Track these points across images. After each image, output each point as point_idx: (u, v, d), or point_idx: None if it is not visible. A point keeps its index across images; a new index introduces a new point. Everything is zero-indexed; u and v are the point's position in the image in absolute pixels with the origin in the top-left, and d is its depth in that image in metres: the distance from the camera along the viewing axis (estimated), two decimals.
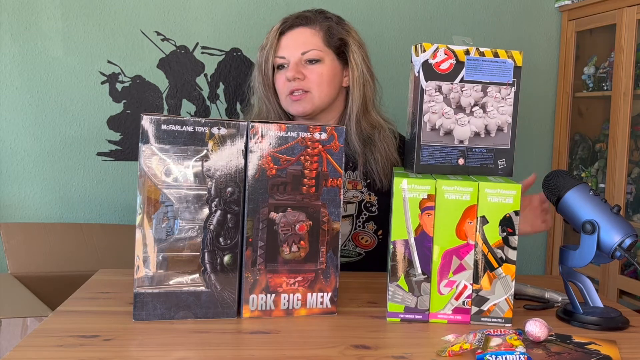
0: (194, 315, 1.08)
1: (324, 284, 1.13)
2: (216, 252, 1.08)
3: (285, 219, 1.10)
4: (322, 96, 1.56)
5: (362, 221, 1.57)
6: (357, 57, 1.57)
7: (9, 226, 2.06)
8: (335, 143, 1.11)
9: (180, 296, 1.07)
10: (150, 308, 1.06)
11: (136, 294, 1.05)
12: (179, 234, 1.06)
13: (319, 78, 1.55)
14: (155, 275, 1.06)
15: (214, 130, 1.06)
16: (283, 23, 1.58)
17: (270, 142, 1.08)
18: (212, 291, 1.08)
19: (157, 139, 1.04)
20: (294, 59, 1.55)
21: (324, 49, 1.56)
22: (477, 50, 1.18)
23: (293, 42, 1.56)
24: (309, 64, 1.55)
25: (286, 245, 1.10)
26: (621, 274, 2.23)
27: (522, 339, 0.99)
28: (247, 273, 1.09)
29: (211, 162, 1.06)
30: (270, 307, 1.11)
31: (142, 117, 1.03)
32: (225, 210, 1.08)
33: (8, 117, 2.17)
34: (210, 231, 1.07)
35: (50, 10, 2.17)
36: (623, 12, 2.20)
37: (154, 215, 1.04)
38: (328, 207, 1.12)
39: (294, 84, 1.54)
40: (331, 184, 1.12)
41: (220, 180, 1.07)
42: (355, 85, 1.57)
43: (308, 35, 1.55)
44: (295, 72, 1.53)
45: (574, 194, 1.18)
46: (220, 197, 1.07)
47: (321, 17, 1.58)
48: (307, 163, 1.10)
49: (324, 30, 1.56)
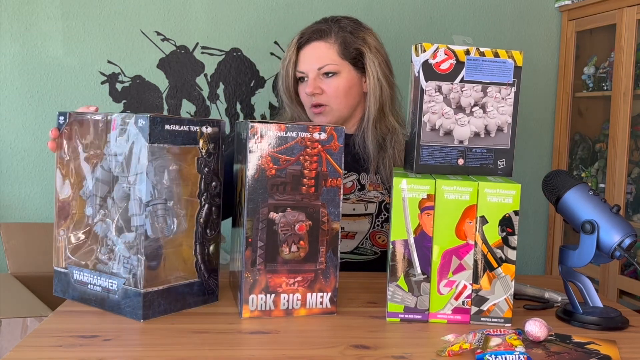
0: (188, 305, 1.13)
1: (324, 284, 1.13)
2: (204, 243, 1.14)
3: (285, 219, 1.10)
4: (340, 108, 1.62)
5: (380, 221, 1.61)
6: (373, 64, 1.60)
7: (9, 226, 2.06)
8: (335, 143, 1.11)
9: (178, 289, 1.11)
10: (155, 306, 1.08)
11: (144, 294, 1.06)
12: (174, 230, 1.09)
13: (336, 91, 1.60)
14: (156, 273, 1.07)
15: (203, 129, 1.11)
16: (300, 37, 1.62)
17: (270, 142, 1.08)
18: (202, 280, 1.15)
19: (158, 138, 1.05)
20: (311, 74, 1.60)
21: (340, 62, 1.59)
22: (477, 50, 1.18)
23: (309, 57, 1.60)
24: (326, 77, 1.60)
25: (286, 246, 1.10)
26: (621, 274, 2.23)
27: (521, 339, 0.99)
28: (247, 273, 1.09)
29: (201, 159, 1.11)
30: (270, 307, 1.11)
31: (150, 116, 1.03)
32: (211, 204, 1.14)
33: (8, 117, 2.17)
34: (200, 224, 1.13)
35: (50, 10, 2.17)
36: (623, 12, 2.21)
37: (147, 215, 1.05)
38: (327, 207, 1.12)
39: (314, 99, 1.60)
40: (331, 184, 1.12)
41: (208, 175, 1.12)
42: (371, 93, 1.61)
43: (323, 49, 1.59)
44: (313, 87, 1.59)
45: (573, 193, 1.18)
46: (208, 191, 1.13)
47: (336, 28, 1.60)
48: (306, 163, 1.10)
49: (338, 43, 1.59)
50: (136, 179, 1.06)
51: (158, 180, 1.06)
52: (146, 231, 1.05)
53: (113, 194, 1.09)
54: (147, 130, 1.04)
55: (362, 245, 1.62)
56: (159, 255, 1.07)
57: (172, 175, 1.08)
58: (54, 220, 1.20)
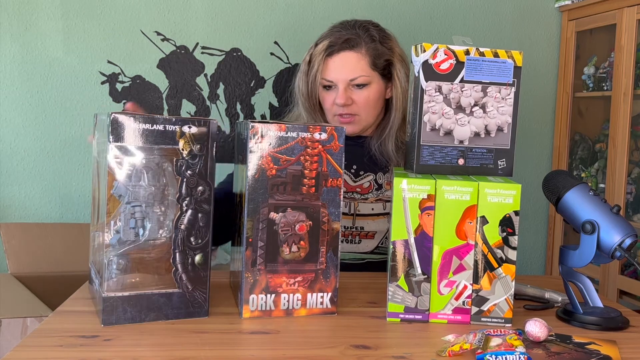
0: (165, 316, 1.06)
1: (324, 284, 1.13)
2: (187, 252, 1.07)
3: (285, 219, 1.10)
4: (369, 117, 1.62)
5: None
6: (401, 74, 1.61)
7: (9, 226, 2.06)
8: (335, 143, 1.11)
9: (151, 298, 1.05)
10: (120, 312, 1.04)
11: (105, 298, 1.03)
12: (149, 234, 1.04)
13: (366, 102, 1.59)
14: (124, 278, 1.03)
15: (185, 128, 1.05)
16: (330, 47, 1.57)
17: (270, 142, 1.08)
18: (184, 291, 1.07)
19: (127, 137, 1.02)
20: (342, 84, 1.57)
21: (371, 73, 1.58)
22: (477, 51, 1.18)
23: (340, 67, 1.57)
24: (357, 88, 1.58)
25: (286, 246, 1.10)
26: (621, 274, 2.23)
27: (522, 339, 0.99)
28: (247, 273, 1.09)
29: (182, 161, 1.05)
30: (270, 307, 1.11)
31: (111, 115, 1.00)
32: (196, 210, 1.07)
33: (8, 117, 2.17)
34: (181, 231, 1.06)
35: (50, 10, 2.17)
36: (623, 12, 2.20)
37: (122, 217, 1.02)
38: (328, 207, 1.12)
39: (343, 109, 1.58)
40: (331, 184, 1.12)
41: (191, 179, 1.06)
42: (397, 101, 1.61)
43: (354, 60, 1.57)
44: (345, 99, 1.57)
45: (573, 194, 1.18)
46: (192, 196, 1.06)
47: (366, 38, 1.58)
48: (307, 163, 1.10)
49: (369, 54, 1.57)
50: (100, 179, 1.05)
51: (134, 181, 1.02)
52: (115, 233, 1.02)
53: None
54: (109, 128, 1.00)
55: (382, 244, 1.62)
56: (127, 259, 1.03)
57: (150, 177, 1.03)
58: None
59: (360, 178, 1.63)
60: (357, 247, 1.61)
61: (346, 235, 1.61)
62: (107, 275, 1.02)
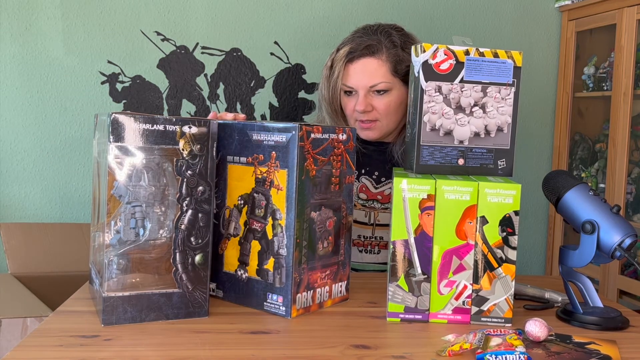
0: (165, 316, 1.06)
1: (343, 274, 1.20)
2: (187, 252, 1.06)
3: (320, 217, 1.14)
4: (390, 123, 1.60)
5: None
6: None
7: (9, 226, 2.06)
8: (351, 143, 1.18)
9: (152, 298, 1.05)
10: (120, 312, 1.03)
11: (105, 298, 1.02)
12: (149, 234, 1.04)
13: (387, 108, 1.57)
14: (124, 278, 1.03)
15: (185, 129, 1.05)
16: (350, 53, 1.56)
17: (312, 144, 1.10)
18: (184, 291, 1.07)
19: (127, 137, 1.01)
20: (362, 90, 1.56)
21: (392, 79, 1.56)
22: (477, 51, 1.18)
23: (361, 73, 1.56)
24: (377, 94, 1.57)
25: (320, 242, 1.14)
26: (621, 274, 2.23)
27: (522, 339, 0.99)
28: (295, 274, 1.10)
29: (182, 161, 1.05)
30: (309, 303, 1.14)
31: (112, 115, 1.00)
32: (196, 210, 1.06)
33: (8, 117, 2.17)
34: (181, 231, 1.06)
35: (50, 10, 2.17)
36: (623, 12, 2.20)
37: (122, 217, 1.02)
38: (346, 202, 1.18)
39: (363, 115, 1.58)
40: (348, 180, 1.19)
41: (192, 179, 1.06)
42: None
43: (375, 66, 1.55)
44: (364, 105, 1.56)
45: (573, 194, 1.18)
46: (192, 196, 1.06)
47: (388, 43, 1.56)
48: (334, 163, 1.15)
49: (390, 60, 1.55)
50: (101, 179, 1.05)
51: (135, 181, 1.02)
52: (115, 233, 1.02)
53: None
54: (109, 128, 1.00)
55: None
56: (127, 259, 1.03)
57: (150, 177, 1.03)
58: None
59: (382, 185, 1.63)
60: (377, 258, 1.61)
61: (365, 245, 1.60)
62: (107, 275, 1.02)
